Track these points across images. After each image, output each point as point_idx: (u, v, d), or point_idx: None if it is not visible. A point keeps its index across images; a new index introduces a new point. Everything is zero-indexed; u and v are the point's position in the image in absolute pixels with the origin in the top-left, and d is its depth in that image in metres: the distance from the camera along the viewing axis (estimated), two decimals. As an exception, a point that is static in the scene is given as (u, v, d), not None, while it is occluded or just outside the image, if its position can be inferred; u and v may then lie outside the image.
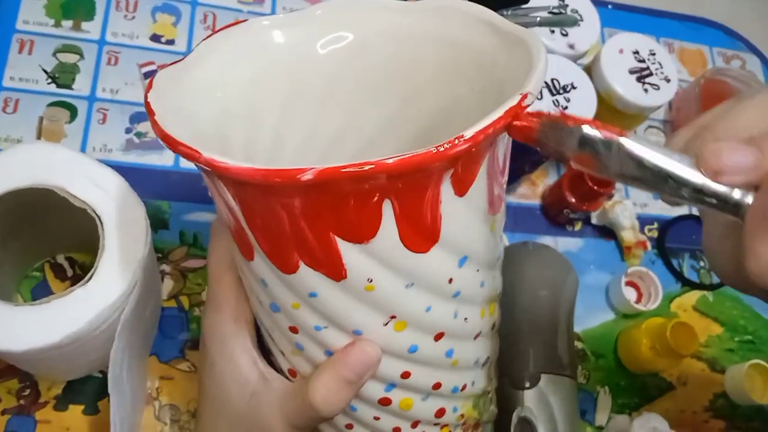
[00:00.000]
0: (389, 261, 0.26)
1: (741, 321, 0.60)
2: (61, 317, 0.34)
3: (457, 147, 0.22)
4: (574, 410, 0.46)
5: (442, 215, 0.25)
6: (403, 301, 0.27)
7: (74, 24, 0.54)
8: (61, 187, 0.36)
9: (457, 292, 0.28)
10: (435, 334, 0.29)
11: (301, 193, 0.23)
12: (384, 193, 0.24)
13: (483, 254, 0.29)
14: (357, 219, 0.25)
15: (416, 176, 0.24)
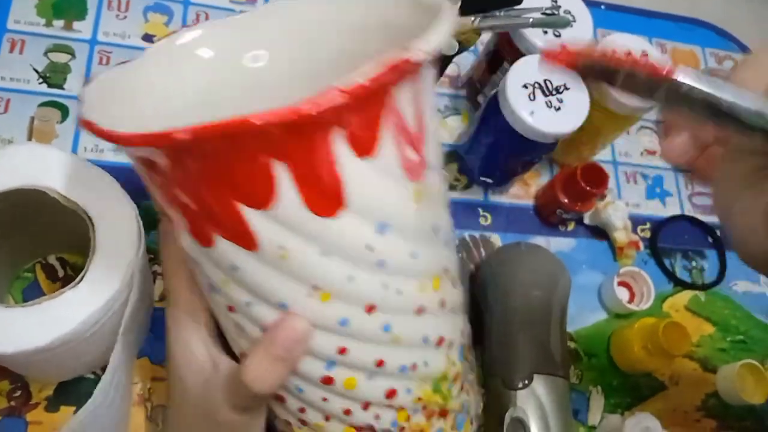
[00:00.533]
0: (297, 226, 0.26)
1: (733, 321, 0.61)
2: (52, 319, 0.34)
3: (333, 99, 0.22)
4: (566, 410, 0.46)
5: (343, 177, 0.25)
6: (321, 270, 0.27)
7: (66, 24, 0.53)
8: (52, 188, 0.36)
9: (380, 261, 0.28)
10: (365, 305, 0.29)
11: (193, 157, 0.24)
12: (269, 153, 0.24)
13: (408, 224, 0.28)
14: (250, 182, 0.25)
15: (296, 134, 0.23)
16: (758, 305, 0.62)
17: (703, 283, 0.61)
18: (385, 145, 0.25)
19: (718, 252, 0.63)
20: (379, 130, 0.25)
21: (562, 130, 0.47)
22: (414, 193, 0.27)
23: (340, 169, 0.25)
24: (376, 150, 0.25)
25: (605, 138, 0.58)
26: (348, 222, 0.26)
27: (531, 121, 0.47)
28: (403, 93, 0.25)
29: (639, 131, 0.67)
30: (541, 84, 0.48)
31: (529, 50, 0.50)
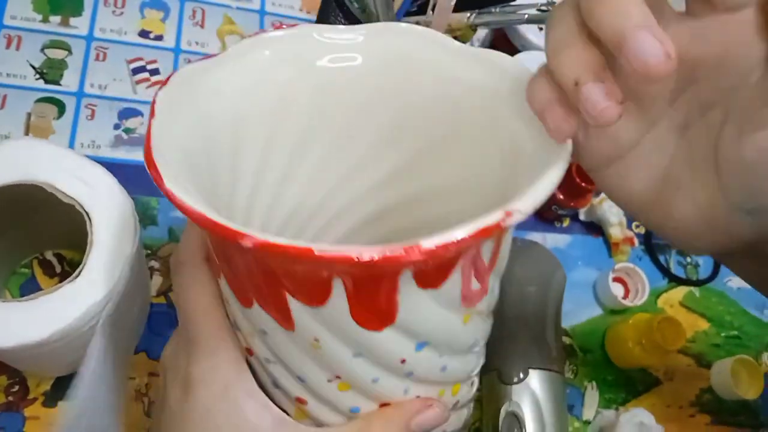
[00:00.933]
0: (338, 330, 0.25)
1: (727, 316, 0.61)
2: (49, 313, 0.34)
3: (410, 257, 0.20)
4: (561, 405, 0.46)
5: (400, 302, 0.24)
6: (349, 368, 0.27)
7: (62, 19, 0.53)
8: (49, 183, 0.36)
9: (410, 372, 0.27)
10: (380, 402, 0.29)
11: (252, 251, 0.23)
12: (331, 272, 0.23)
13: (448, 343, 0.28)
14: (306, 287, 0.24)
15: (360, 270, 0.23)
16: (752, 301, 0.62)
17: (697, 278, 0.62)
18: (452, 281, 0.25)
19: (712, 248, 0.63)
20: (450, 272, 0.25)
21: (557, 126, 0.48)
22: (464, 317, 0.27)
23: (399, 296, 0.24)
24: (441, 285, 0.25)
25: (600, 134, 0.58)
26: (390, 337, 0.26)
27: (526, 117, 0.47)
28: (488, 242, 0.25)
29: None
30: (536, 80, 0.48)
31: (524, 47, 0.51)
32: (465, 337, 0.29)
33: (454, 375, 0.30)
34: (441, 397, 0.30)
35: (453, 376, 0.30)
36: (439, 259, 0.23)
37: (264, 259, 0.23)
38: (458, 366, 0.30)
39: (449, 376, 0.29)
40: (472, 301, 0.27)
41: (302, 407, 0.29)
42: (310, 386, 0.28)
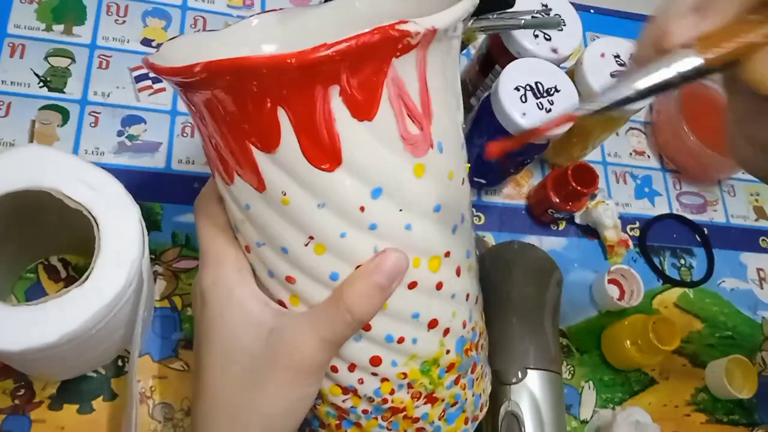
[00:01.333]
0: (296, 174, 0.28)
1: (721, 317, 0.62)
2: (57, 317, 0.35)
3: (317, 52, 0.24)
4: (559, 404, 0.47)
5: (341, 136, 0.27)
6: (316, 221, 0.29)
7: (65, 28, 0.54)
8: (56, 189, 0.37)
9: (372, 224, 0.29)
10: (354, 264, 0.30)
11: (215, 96, 0.27)
12: (274, 100, 0.26)
13: (404, 195, 0.29)
14: (259, 124, 0.27)
15: (295, 84, 0.25)
16: (745, 301, 0.63)
17: (691, 280, 0.63)
18: (384, 111, 0.27)
19: (706, 250, 0.64)
20: (379, 97, 0.27)
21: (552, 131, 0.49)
22: (415, 167, 0.29)
23: (339, 127, 0.27)
24: (374, 115, 0.27)
25: (595, 139, 0.59)
26: (343, 179, 0.28)
27: (523, 122, 0.48)
28: (406, 66, 0.27)
29: (628, 132, 0.68)
30: (532, 86, 0.49)
31: (520, 53, 0.52)
32: (421, 193, 0.30)
33: (421, 240, 0.31)
34: (416, 268, 0.31)
35: (420, 241, 0.31)
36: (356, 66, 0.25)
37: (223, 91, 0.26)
38: (425, 229, 0.31)
39: (418, 239, 0.30)
40: (417, 148, 0.29)
41: (293, 288, 0.31)
42: (292, 257, 0.30)
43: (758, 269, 0.66)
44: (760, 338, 0.62)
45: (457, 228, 0.33)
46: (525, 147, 0.50)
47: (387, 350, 0.33)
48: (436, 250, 0.32)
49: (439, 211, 0.31)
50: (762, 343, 0.62)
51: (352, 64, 0.25)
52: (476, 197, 0.60)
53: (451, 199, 0.32)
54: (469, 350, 0.37)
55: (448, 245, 0.32)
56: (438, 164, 0.30)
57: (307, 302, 0.31)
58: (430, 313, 0.33)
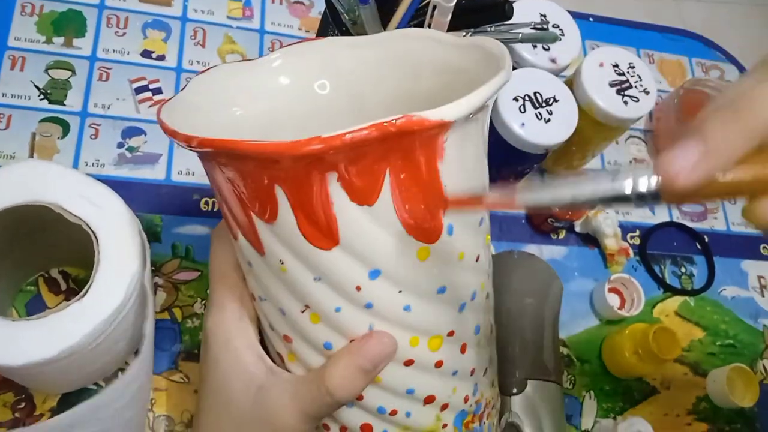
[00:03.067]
0: (293, 247, 0.27)
1: (722, 325, 0.62)
2: (57, 331, 0.35)
3: (309, 146, 0.23)
4: (560, 415, 0.47)
5: (338, 218, 0.26)
6: (312, 293, 0.29)
7: (66, 40, 0.54)
8: (56, 203, 0.37)
9: (369, 303, 0.28)
10: (349, 338, 0.30)
11: (219, 163, 0.27)
12: (270, 178, 0.26)
13: (404, 277, 0.28)
14: (258, 198, 0.27)
15: (290, 168, 0.25)
16: (747, 309, 0.63)
17: (692, 288, 0.62)
18: (386, 197, 0.26)
19: (706, 258, 0.64)
20: (380, 184, 0.26)
21: (552, 141, 0.49)
22: (418, 251, 0.28)
23: (336, 210, 0.26)
24: (375, 201, 0.26)
25: (595, 148, 0.59)
26: (340, 258, 0.27)
27: (522, 132, 0.48)
28: (412, 155, 0.26)
29: (628, 141, 0.68)
30: (531, 96, 0.49)
31: (519, 63, 0.52)
32: (424, 276, 0.29)
33: (423, 321, 0.30)
34: (414, 347, 0.30)
35: (423, 321, 0.30)
36: (354, 157, 0.25)
37: (226, 166, 0.27)
38: (426, 311, 0.30)
39: (417, 320, 0.30)
40: (424, 234, 0.28)
41: (290, 347, 0.32)
42: (289, 320, 0.30)
43: (759, 277, 0.65)
44: (762, 346, 0.62)
45: (465, 306, 0.32)
46: (525, 157, 0.50)
47: (379, 420, 0.32)
48: (438, 330, 0.31)
49: (444, 292, 0.30)
50: (763, 351, 0.62)
51: (348, 155, 0.25)
52: (476, 206, 0.60)
53: (459, 280, 0.31)
54: (470, 422, 0.35)
55: (451, 325, 0.31)
56: (446, 247, 0.29)
57: (303, 363, 0.32)
58: (426, 389, 0.32)
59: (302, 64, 0.37)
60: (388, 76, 0.36)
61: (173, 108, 0.32)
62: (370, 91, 0.37)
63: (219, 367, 0.33)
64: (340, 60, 0.37)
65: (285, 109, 0.37)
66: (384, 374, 0.30)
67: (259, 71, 0.36)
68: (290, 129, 0.37)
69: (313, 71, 0.37)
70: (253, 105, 0.36)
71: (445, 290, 0.30)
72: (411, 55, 0.35)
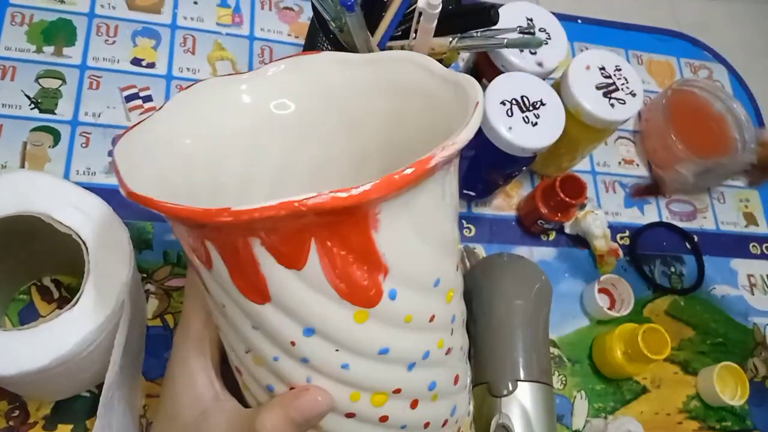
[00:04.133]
0: (230, 296, 0.28)
1: (712, 324, 0.62)
2: (49, 341, 0.35)
3: (219, 217, 0.23)
4: (550, 416, 0.47)
5: (267, 278, 0.26)
6: (251, 339, 0.29)
7: (56, 49, 0.55)
8: (46, 213, 0.38)
9: (304, 358, 0.28)
10: (288, 385, 0.30)
11: None
12: (200, 234, 0.26)
13: (340, 337, 0.28)
14: (194, 246, 0.27)
15: (214, 230, 0.25)
16: (736, 308, 0.64)
17: (682, 287, 0.63)
18: (314, 262, 0.26)
19: (696, 257, 0.65)
20: (307, 250, 0.25)
21: (539, 144, 0.49)
22: (355, 314, 0.27)
23: (265, 270, 0.26)
24: (303, 265, 0.26)
25: (583, 149, 0.59)
26: (273, 314, 0.27)
27: (509, 136, 0.48)
28: (337, 226, 0.25)
29: (616, 142, 0.69)
30: (518, 100, 0.50)
31: (506, 67, 0.52)
32: (364, 339, 0.28)
33: (364, 378, 0.29)
34: (354, 401, 0.29)
35: (363, 379, 0.29)
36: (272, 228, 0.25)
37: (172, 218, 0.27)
38: (366, 370, 0.29)
39: (357, 378, 0.29)
40: (356, 297, 0.27)
41: (241, 379, 0.32)
42: (238, 355, 0.31)
43: (749, 275, 0.66)
44: (752, 344, 0.63)
45: (415, 365, 0.30)
46: (513, 160, 0.51)
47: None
48: (381, 387, 0.30)
49: (386, 353, 0.29)
50: (753, 349, 0.62)
51: (264, 227, 0.24)
52: (466, 209, 0.60)
53: (405, 342, 0.29)
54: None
55: (398, 383, 0.30)
56: (389, 311, 0.28)
57: (252, 395, 0.32)
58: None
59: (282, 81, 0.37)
60: (379, 94, 0.36)
61: (141, 135, 0.32)
62: (359, 108, 0.37)
63: (174, 382, 0.34)
64: (330, 77, 0.37)
65: (268, 127, 0.37)
66: (325, 424, 0.30)
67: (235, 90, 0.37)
68: (277, 147, 0.37)
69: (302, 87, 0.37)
70: (232, 124, 0.36)
71: (388, 351, 0.29)
72: (399, 77, 0.35)
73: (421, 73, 0.34)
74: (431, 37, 0.45)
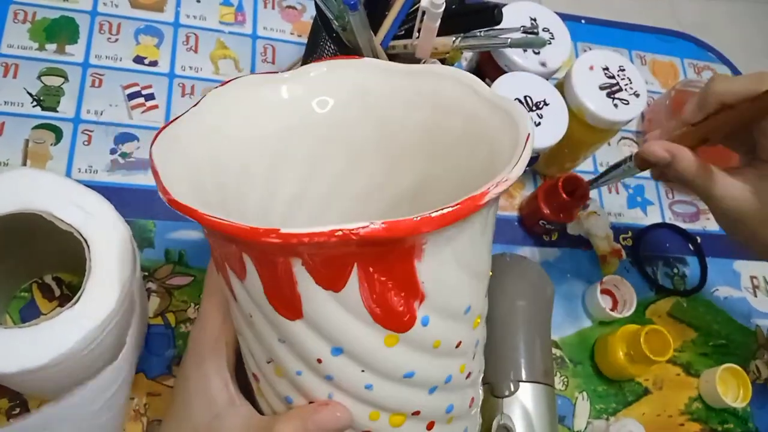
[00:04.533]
0: (260, 308, 0.28)
1: (715, 326, 0.62)
2: (50, 339, 0.35)
3: (267, 237, 0.23)
4: (552, 417, 0.47)
5: (302, 296, 0.26)
6: (276, 351, 0.29)
7: (58, 47, 0.55)
8: (47, 211, 0.37)
9: (329, 375, 0.28)
10: (308, 400, 0.30)
11: None
12: (239, 247, 0.26)
13: (368, 359, 0.28)
14: (229, 256, 0.28)
15: (255, 248, 0.26)
16: (739, 310, 0.64)
17: (684, 289, 0.63)
18: (353, 286, 0.26)
19: (699, 258, 0.65)
20: (347, 274, 0.26)
21: (542, 144, 0.49)
22: (386, 338, 0.28)
23: (301, 289, 0.26)
24: (341, 288, 0.26)
25: (586, 150, 0.59)
26: (303, 330, 0.27)
27: (512, 136, 0.48)
28: (383, 256, 0.25)
29: (620, 142, 0.69)
30: (521, 100, 0.50)
31: (509, 67, 0.52)
32: (391, 362, 0.28)
33: (385, 400, 0.30)
34: (373, 421, 0.30)
35: (385, 400, 0.30)
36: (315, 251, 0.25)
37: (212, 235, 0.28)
38: (389, 391, 0.29)
39: (379, 398, 0.29)
40: (390, 322, 0.27)
41: (257, 385, 0.32)
42: (257, 363, 0.31)
43: (752, 277, 0.66)
44: (754, 346, 0.62)
45: (437, 389, 0.31)
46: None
47: None
48: (401, 409, 0.30)
49: (411, 377, 0.29)
50: (756, 351, 0.62)
51: (310, 250, 0.24)
52: (469, 209, 0.60)
53: (430, 366, 0.30)
54: None
55: (418, 406, 0.31)
56: (419, 337, 0.28)
57: (267, 403, 0.32)
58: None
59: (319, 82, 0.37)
60: (420, 108, 0.36)
61: (177, 130, 0.31)
62: (397, 118, 0.36)
63: (189, 383, 0.34)
64: (370, 83, 0.36)
65: (299, 128, 0.37)
66: None
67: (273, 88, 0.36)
68: (305, 148, 0.37)
69: (333, 90, 0.37)
70: (265, 124, 0.36)
71: (413, 375, 0.29)
72: (444, 94, 0.34)
73: (466, 93, 0.33)
74: (434, 36, 0.45)
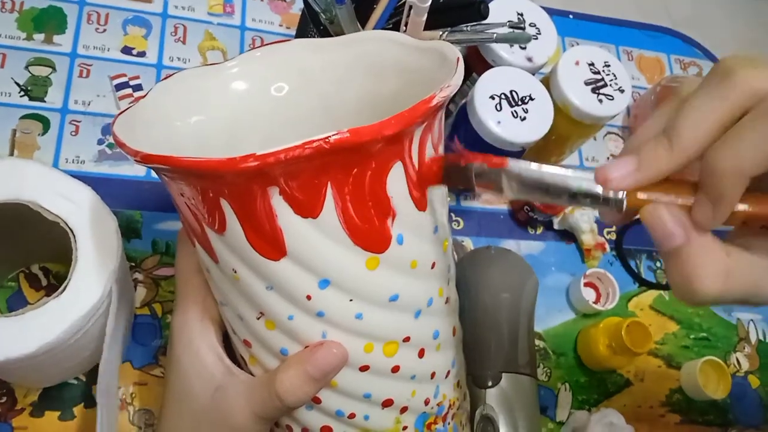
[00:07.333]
0: (244, 257, 0.28)
1: (696, 319, 0.63)
2: (36, 328, 0.35)
3: (245, 163, 0.24)
4: (534, 407, 0.48)
5: (284, 230, 0.27)
6: (265, 301, 0.29)
7: (46, 37, 0.55)
8: (34, 201, 0.38)
9: (320, 312, 0.29)
10: (303, 345, 0.30)
11: (167, 176, 0.29)
12: (215, 192, 0.27)
13: (354, 286, 0.29)
14: (206, 209, 0.28)
15: (231, 183, 0.26)
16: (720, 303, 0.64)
17: (667, 282, 0.63)
18: (330, 209, 0.27)
19: (682, 253, 0.65)
20: (323, 197, 0.26)
21: (527, 138, 0.50)
22: (367, 261, 0.29)
23: (281, 222, 0.27)
24: (319, 213, 0.27)
25: (572, 144, 0.60)
26: (289, 268, 0.28)
27: (498, 130, 0.49)
28: (354, 169, 0.26)
29: (605, 137, 0.69)
30: (507, 95, 0.50)
31: (495, 62, 0.52)
32: (375, 285, 0.29)
33: (376, 328, 0.31)
34: (368, 353, 0.31)
35: (376, 328, 0.30)
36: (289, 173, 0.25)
37: (176, 179, 0.28)
38: (379, 318, 0.30)
39: (370, 327, 0.30)
40: (371, 244, 0.28)
41: (251, 351, 0.33)
42: (247, 325, 0.31)
43: (733, 271, 0.67)
44: (735, 339, 0.63)
45: (421, 312, 0.32)
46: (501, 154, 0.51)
47: (338, 422, 0.33)
48: (392, 336, 0.31)
49: (396, 300, 0.30)
50: (736, 344, 0.63)
51: (286, 171, 0.25)
52: (455, 202, 0.60)
53: (412, 288, 0.31)
54: (432, 424, 0.36)
55: (407, 331, 0.32)
56: (397, 257, 0.29)
57: (263, 366, 0.33)
58: (383, 393, 0.33)
59: (261, 68, 0.37)
60: (353, 77, 0.37)
61: (133, 117, 0.32)
62: (335, 92, 0.37)
63: (181, 366, 0.34)
64: (305, 62, 0.37)
65: (249, 114, 0.38)
66: (340, 379, 0.31)
67: (220, 77, 0.37)
68: (258, 132, 0.38)
69: (275, 74, 0.38)
70: (216, 112, 0.37)
71: (397, 298, 0.30)
72: (373, 57, 0.36)
73: (391, 47, 0.34)
74: (421, 30, 0.46)
